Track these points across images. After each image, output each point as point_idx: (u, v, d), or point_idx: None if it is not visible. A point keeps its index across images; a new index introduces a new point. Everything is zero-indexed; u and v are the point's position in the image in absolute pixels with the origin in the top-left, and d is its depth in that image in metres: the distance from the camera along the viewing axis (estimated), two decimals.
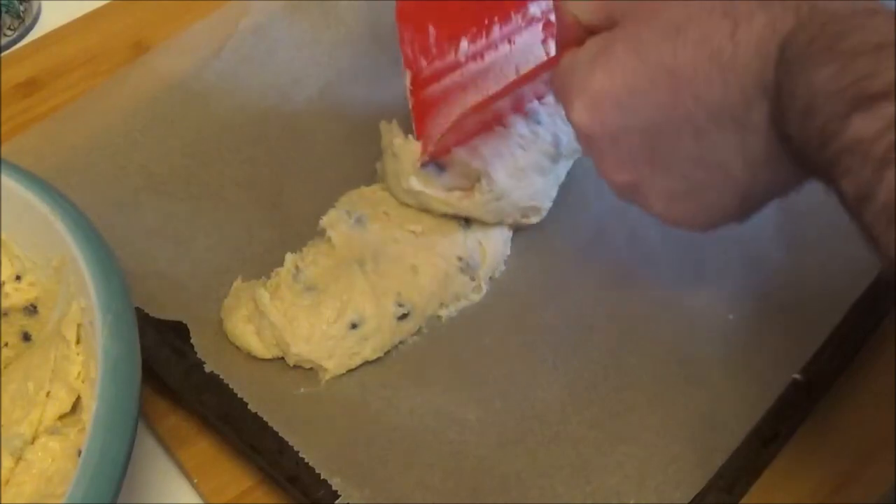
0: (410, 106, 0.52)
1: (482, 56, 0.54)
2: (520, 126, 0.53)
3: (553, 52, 0.53)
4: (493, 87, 0.53)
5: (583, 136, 0.43)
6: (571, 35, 0.44)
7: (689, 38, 0.38)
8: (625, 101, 0.40)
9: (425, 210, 0.54)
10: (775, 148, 0.37)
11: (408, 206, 0.54)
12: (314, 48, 0.66)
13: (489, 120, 0.52)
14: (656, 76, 0.39)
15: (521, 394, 0.49)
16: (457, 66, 0.53)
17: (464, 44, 0.53)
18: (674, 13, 0.38)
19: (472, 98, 0.53)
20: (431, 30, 0.51)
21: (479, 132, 0.52)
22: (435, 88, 0.53)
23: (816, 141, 0.34)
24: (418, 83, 0.52)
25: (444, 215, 0.54)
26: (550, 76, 0.45)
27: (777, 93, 0.36)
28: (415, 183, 0.52)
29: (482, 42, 0.53)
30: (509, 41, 0.54)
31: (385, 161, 0.55)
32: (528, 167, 0.53)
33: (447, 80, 0.53)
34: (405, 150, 0.53)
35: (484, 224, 0.54)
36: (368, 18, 0.67)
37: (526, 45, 0.55)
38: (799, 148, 0.35)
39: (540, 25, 0.55)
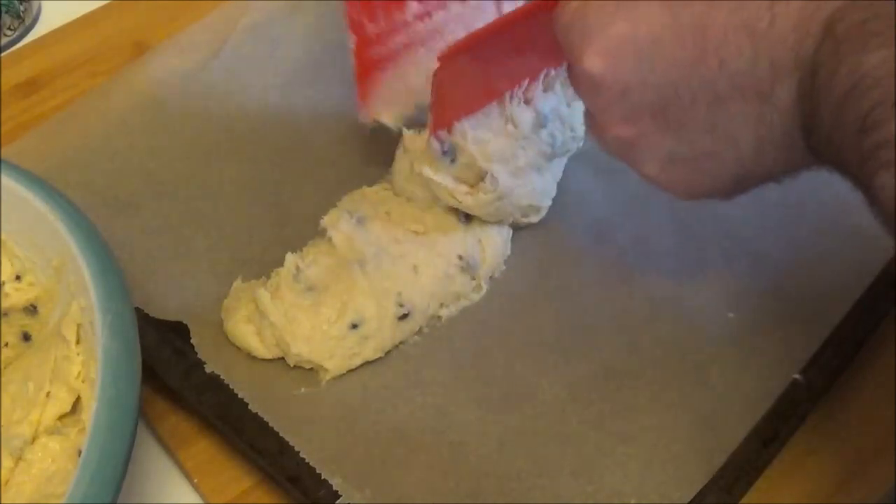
0: (353, 68, 0.51)
1: (430, 15, 0.52)
2: (525, 125, 0.52)
3: (507, 8, 0.51)
4: (442, 44, 0.51)
5: (590, 83, 0.41)
6: None
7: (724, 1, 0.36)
8: (646, 53, 0.38)
9: (429, 208, 0.54)
10: (792, 129, 0.36)
11: (410, 204, 0.54)
12: (314, 48, 0.66)
13: (486, 90, 0.51)
14: (684, 33, 0.37)
15: (522, 394, 0.49)
16: (403, 26, 0.51)
17: (412, 5, 0.51)
18: None
19: (423, 58, 0.51)
20: None
21: (478, 104, 0.51)
22: (380, 49, 0.52)
23: (854, 127, 0.32)
24: (363, 44, 0.51)
25: (446, 214, 0.54)
26: (555, 13, 0.42)
27: (813, 71, 0.34)
28: (427, 171, 0.52)
29: (431, 2, 0.52)
30: None
31: (396, 159, 0.55)
32: (526, 166, 0.53)
33: (393, 41, 0.52)
34: (416, 142, 0.53)
35: (484, 222, 0.54)
36: None
37: (479, 5, 0.53)
38: (827, 134, 0.34)
39: None
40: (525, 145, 0.53)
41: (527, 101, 0.52)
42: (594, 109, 0.42)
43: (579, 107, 0.55)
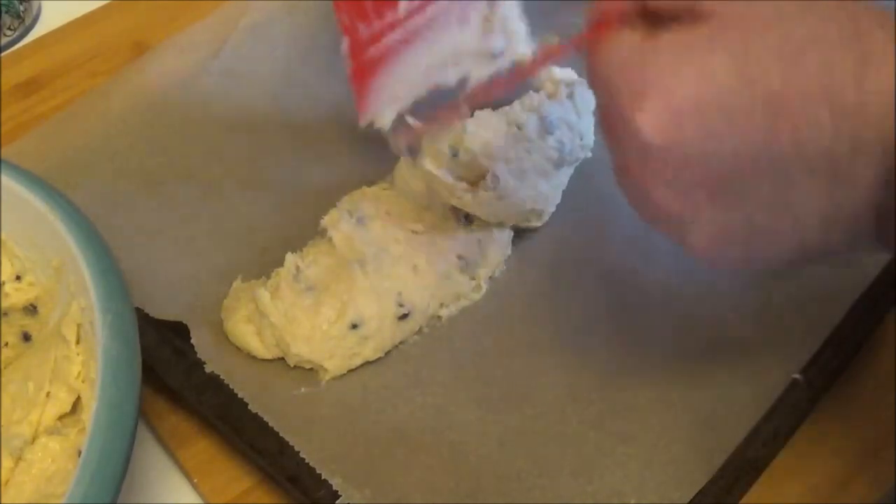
0: (349, 72, 0.51)
1: (422, 10, 0.50)
2: (531, 129, 0.52)
3: None
4: (437, 38, 0.50)
5: (639, 146, 0.35)
6: (621, 9, 0.38)
7: (807, 65, 0.32)
8: (712, 121, 0.34)
9: (429, 207, 0.54)
10: (865, 210, 0.33)
11: (410, 204, 0.54)
12: (313, 48, 0.66)
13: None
14: (756, 101, 0.33)
15: (522, 394, 0.49)
16: (396, 23, 0.50)
17: (403, 3, 0.49)
18: (790, 26, 0.33)
19: (419, 51, 0.50)
20: None
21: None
22: (375, 50, 0.50)
23: None
24: (357, 46, 0.50)
25: (446, 214, 0.54)
26: (595, 54, 0.38)
27: None
28: (428, 163, 0.52)
29: None
30: None
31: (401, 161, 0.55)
32: (530, 169, 0.53)
33: (387, 39, 0.50)
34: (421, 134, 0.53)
35: (485, 224, 0.54)
36: None
37: None
38: None
39: None
40: (531, 149, 0.52)
41: (530, 108, 0.52)
42: (638, 173, 0.37)
43: (589, 117, 0.55)
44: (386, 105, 0.51)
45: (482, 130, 0.51)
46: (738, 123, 0.33)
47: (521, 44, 0.52)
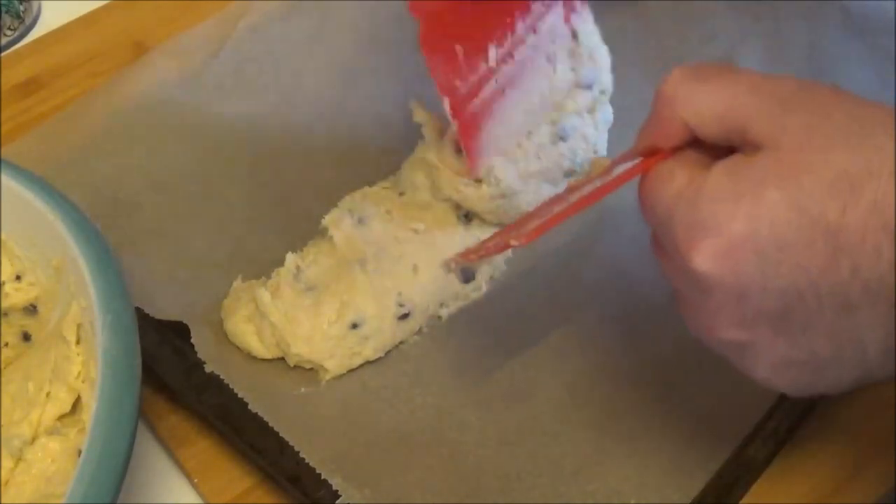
0: (456, 129, 0.51)
1: (511, 56, 0.52)
2: (543, 135, 0.53)
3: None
4: (529, 82, 0.52)
5: (698, 284, 0.36)
6: (669, 137, 0.38)
7: (863, 198, 0.32)
8: (769, 257, 0.34)
9: (429, 206, 0.54)
10: None
11: (411, 204, 0.54)
12: (313, 48, 0.66)
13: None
14: (814, 235, 0.33)
15: (522, 394, 0.49)
16: (490, 74, 0.51)
17: (492, 51, 0.50)
18: (844, 159, 0.33)
19: (514, 99, 0.51)
20: (458, 49, 0.49)
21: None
22: (475, 104, 0.51)
23: None
24: (458, 104, 0.50)
25: (446, 213, 0.54)
26: (641, 191, 0.39)
27: None
28: (431, 156, 0.52)
29: (509, 42, 0.51)
30: (534, 30, 0.52)
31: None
32: (538, 174, 0.53)
33: (485, 92, 0.51)
34: (428, 125, 0.54)
35: (485, 223, 0.54)
36: (367, 18, 0.67)
37: (550, 28, 0.53)
38: None
39: (559, 4, 0.53)
40: (541, 153, 0.53)
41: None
42: (700, 311, 0.37)
43: (606, 132, 0.56)
44: (496, 156, 0.52)
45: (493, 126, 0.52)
46: (795, 257, 0.33)
47: (605, 72, 0.54)
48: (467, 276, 0.51)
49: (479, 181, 0.52)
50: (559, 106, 0.53)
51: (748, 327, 0.36)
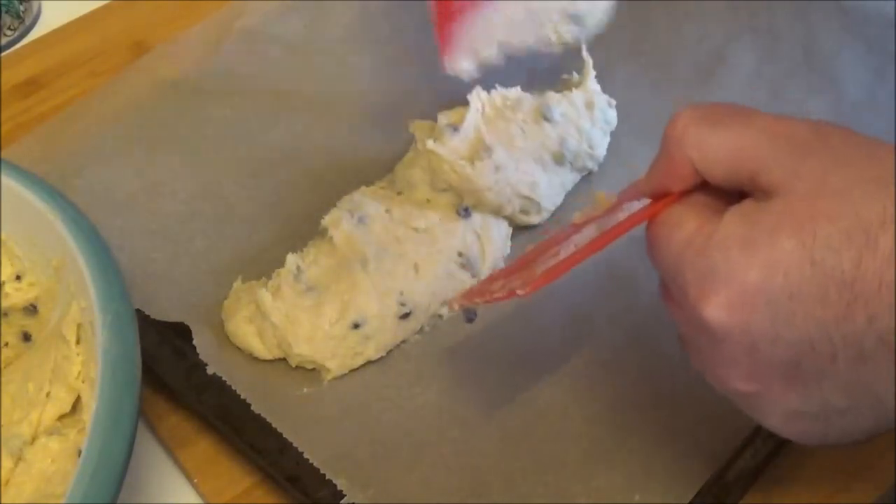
0: (434, 13, 0.50)
1: None
2: (525, 109, 0.53)
3: None
4: None
5: (709, 334, 0.35)
6: (678, 179, 0.37)
7: (879, 248, 0.31)
8: (782, 308, 0.33)
9: (428, 202, 0.54)
10: None
11: (410, 202, 0.54)
12: (312, 48, 0.66)
13: None
14: (828, 286, 0.32)
15: (524, 391, 0.49)
16: None
17: None
18: (862, 206, 0.32)
19: (503, 4, 0.50)
20: None
21: None
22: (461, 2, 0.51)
23: None
24: None
25: (446, 211, 0.54)
26: (649, 237, 0.38)
27: None
28: (431, 143, 0.52)
29: None
30: None
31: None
32: (526, 151, 0.54)
33: None
34: (421, 126, 0.54)
35: (484, 216, 0.54)
36: (365, 18, 0.67)
37: None
38: None
39: None
40: (526, 130, 0.53)
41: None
42: (709, 359, 0.37)
43: (605, 134, 0.57)
44: (468, 52, 0.51)
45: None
46: (809, 307, 0.33)
47: (599, 10, 0.53)
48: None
49: (472, 160, 0.53)
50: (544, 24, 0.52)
51: (759, 379, 0.35)
